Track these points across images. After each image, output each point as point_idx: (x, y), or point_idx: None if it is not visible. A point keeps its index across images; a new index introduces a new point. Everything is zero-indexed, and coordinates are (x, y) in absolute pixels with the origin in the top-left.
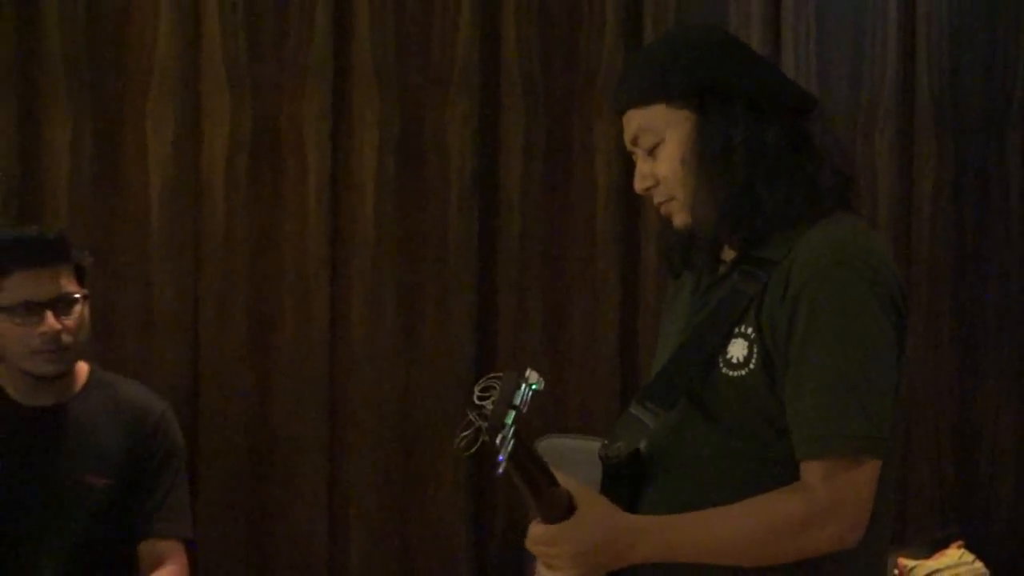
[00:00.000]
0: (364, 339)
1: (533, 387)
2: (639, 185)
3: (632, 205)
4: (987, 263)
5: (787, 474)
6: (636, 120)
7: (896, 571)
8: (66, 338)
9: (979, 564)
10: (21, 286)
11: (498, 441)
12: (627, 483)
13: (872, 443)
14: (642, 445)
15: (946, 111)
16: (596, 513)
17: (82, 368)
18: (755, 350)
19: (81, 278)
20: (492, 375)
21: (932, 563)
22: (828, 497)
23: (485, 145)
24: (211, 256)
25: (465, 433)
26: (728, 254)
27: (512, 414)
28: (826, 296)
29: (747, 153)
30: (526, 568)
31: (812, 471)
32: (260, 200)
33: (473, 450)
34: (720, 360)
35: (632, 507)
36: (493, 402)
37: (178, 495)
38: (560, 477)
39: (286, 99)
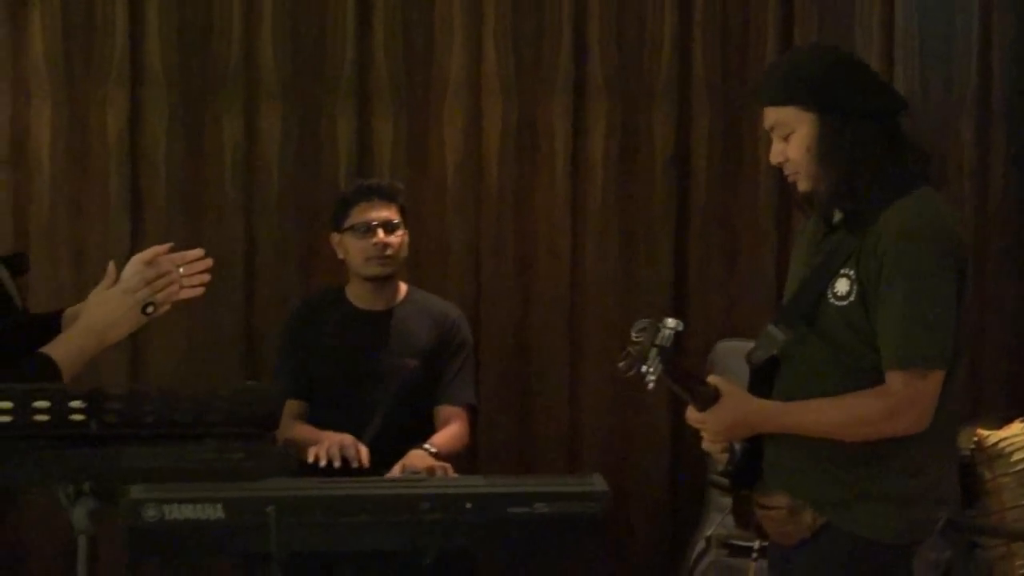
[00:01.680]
0: (595, 272)
1: (671, 328)
2: (773, 160)
3: (786, 180)
4: None
5: (872, 380)
6: (773, 115)
7: (975, 438)
8: (390, 250)
9: None
10: (362, 212)
11: (643, 371)
12: (763, 379)
13: (937, 361)
14: (773, 353)
15: (1015, 108)
16: (732, 402)
17: (402, 286)
18: (854, 287)
19: (404, 214)
20: (643, 320)
21: (1002, 433)
22: (904, 398)
23: (680, 134)
24: (488, 211)
25: (622, 363)
26: (836, 215)
27: (654, 351)
28: (904, 256)
29: (854, 148)
30: None
31: (893, 378)
32: (522, 173)
33: (631, 374)
34: (829, 293)
35: (768, 395)
36: (641, 341)
37: (465, 374)
38: (711, 377)
39: (541, 101)
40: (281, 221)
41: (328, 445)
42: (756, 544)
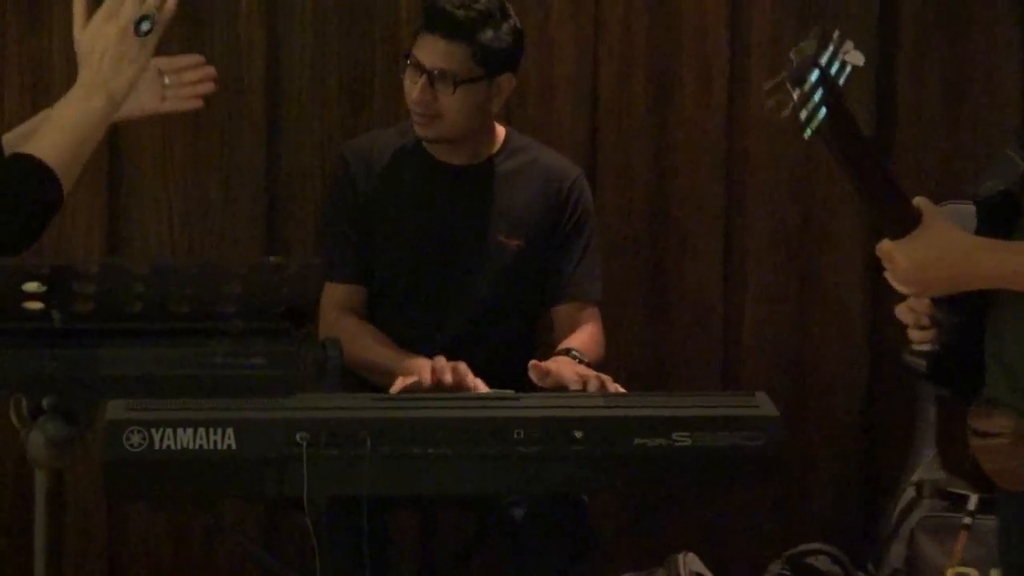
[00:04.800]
0: (762, 110)
1: (845, 58)
2: None
3: None
4: None
5: None
6: None
7: None
8: (432, 109)
9: None
10: (419, 45)
11: (796, 97)
12: (999, 222)
13: None
14: (1011, 185)
15: None
16: (937, 230)
17: (499, 131)
18: None
19: (486, 61)
20: (813, 33)
21: None
22: None
23: None
24: (610, 21)
25: (770, 99)
26: None
27: (815, 72)
28: None
29: None
30: None
31: None
32: None
33: (785, 113)
34: None
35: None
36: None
37: (591, 259)
38: (919, 199)
39: None
40: (319, 36)
41: (435, 369)
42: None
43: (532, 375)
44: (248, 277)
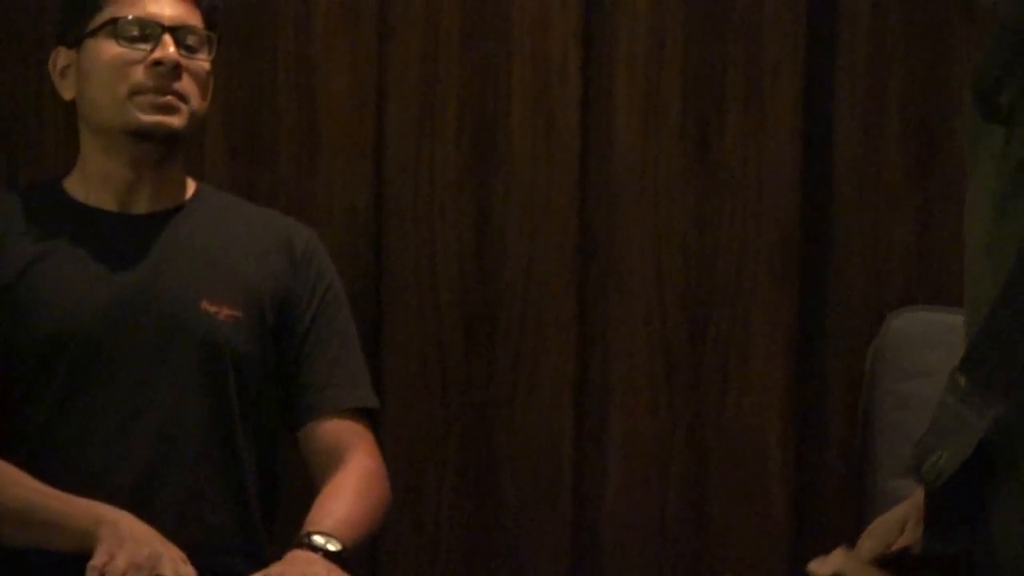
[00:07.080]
0: (629, 151)
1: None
2: None
3: None
4: None
5: None
6: None
7: None
8: (186, 84)
9: None
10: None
11: None
12: (961, 502)
13: None
14: (968, 454)
15: None
16: None
17: (188, 182)
18: None
19: (212, 26)
20: None
21: None
22: None
23: None
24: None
25: None
26: (1004, 91)
27: None
28: None
29: None
30: None
31: None
32: None
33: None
34: None
35: (985, 532)
36: None
37: (349, 348)
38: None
39: None
40: None
41: (125, 560)
42: None
43: None
44: None
